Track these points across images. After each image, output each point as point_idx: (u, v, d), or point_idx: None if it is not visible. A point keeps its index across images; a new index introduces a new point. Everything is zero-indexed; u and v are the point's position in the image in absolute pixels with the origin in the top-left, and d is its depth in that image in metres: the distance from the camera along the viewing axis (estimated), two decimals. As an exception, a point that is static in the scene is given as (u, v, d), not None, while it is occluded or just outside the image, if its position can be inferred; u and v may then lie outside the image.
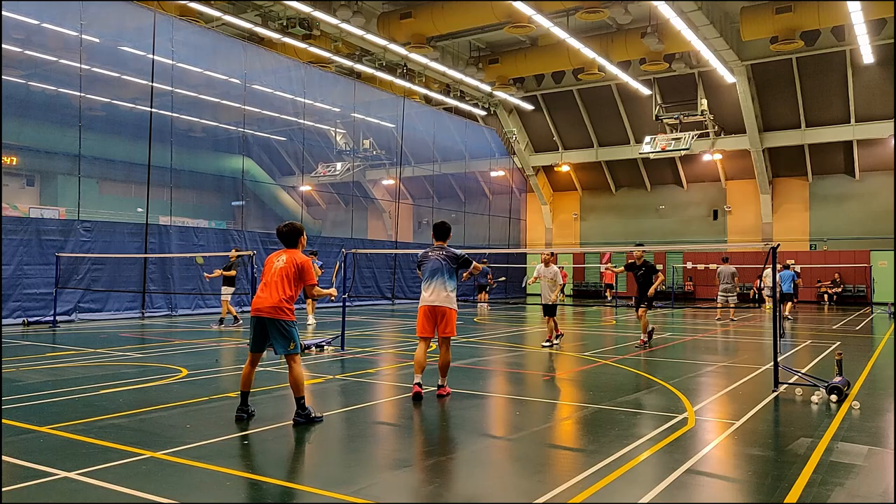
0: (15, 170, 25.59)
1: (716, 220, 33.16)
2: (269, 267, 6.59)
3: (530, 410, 7.32)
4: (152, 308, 19.20)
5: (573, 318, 21.62)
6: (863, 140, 28.50)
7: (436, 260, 7.81)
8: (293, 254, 6.59)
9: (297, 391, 6.30)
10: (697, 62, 27.53)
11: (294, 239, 6.70)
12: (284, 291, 6.38)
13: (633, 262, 13.56)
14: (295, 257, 6.54)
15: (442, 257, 7.81)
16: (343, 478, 4.93)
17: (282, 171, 32.57)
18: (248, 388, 6.53)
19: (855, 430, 6.31)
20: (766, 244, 8.57)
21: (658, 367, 10.35)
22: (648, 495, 4.43)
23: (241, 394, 6.51)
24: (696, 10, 20.39)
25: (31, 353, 11.25)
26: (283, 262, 6.51)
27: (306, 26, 22.43)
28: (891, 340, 14.65)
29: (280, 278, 6.42)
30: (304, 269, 6.50)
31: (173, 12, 20.71)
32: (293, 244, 6.70)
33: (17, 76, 19.22)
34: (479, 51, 28.70)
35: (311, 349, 11.55)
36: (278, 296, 6.35)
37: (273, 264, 6.56)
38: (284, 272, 6.43)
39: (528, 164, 35.86)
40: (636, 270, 13.40)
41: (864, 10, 20.19)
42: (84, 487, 4.50)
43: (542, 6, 20.88)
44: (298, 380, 6.32)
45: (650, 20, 23.74)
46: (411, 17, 22.90)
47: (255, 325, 6.44)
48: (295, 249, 6.68)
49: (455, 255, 7.85)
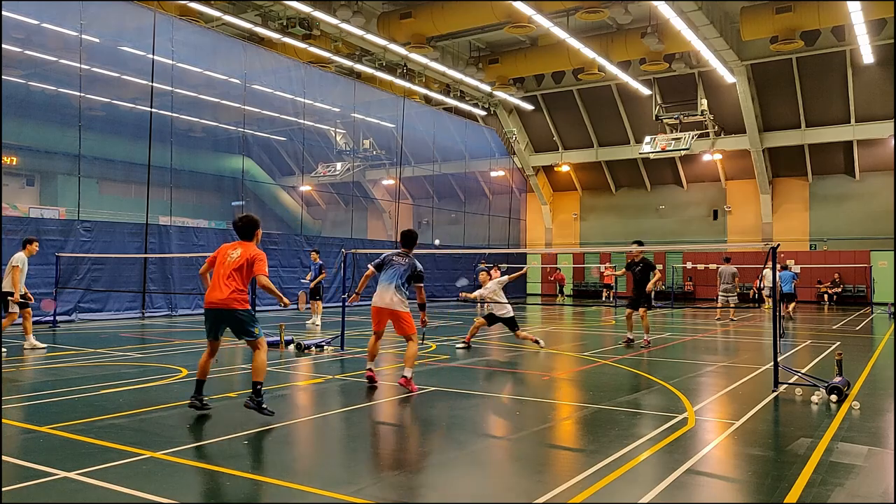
0: (15, 170, 25.60)
1: (716, 220, 33.16)
2: (222, 258, 6.62)
3: (530, 410, 7.32)
4: (152, 308, 19.19)
5: (573, 318, 21.62)
6: (863, 140, 28.50)
7: (398, 265, 8.18)
8: (248, 247, 6.65)
9: (256, 375, 6.42)
10: (697, 62, 27.52)
11: (250, 232, 6.76)
12: (236, 284, 6.48)
13: (633, 260, 13.44)
14: (249, 251, 6.60)
15: (405, 265, 8.18)
16: (343, 478, 4.93)
17: (282, 171, 32.57)
18: (205, 377, 6.65)
19: (855, 430, 6.30)
20: (766, 244, 8.57)
21: (658, 367, 10.34)
22: (648, 495, 4.43)
23: (197, 381, 6.62)
24: (696, 10, 20.38)
25: (32, 353, 11.25)
26: (237, 255, 6.57)
27: (306, 26, 22.42)
28: (891, 340, 14.65)
29: (232, 272, 6.49)
30: (255, 261, 6.54)
31: (173, 12, 20.70)
32: (249, 237, 6.75)
33: (17, 76, 19.22)
34: (479, 51, 28.70)
35: (311, 349, 11.55)
36: (228, 289, 6.45)
37: (227, 257, 6.60)
38: (237, 266, 6.52)
39: (528, 164, 35.86)
40: (634, 268, 13.26)
41: (864, 10, 20.19)
42: (84, 487, 4.50)
43: (542, 6, 20.88)
44: (260, 366, 6.47)
45: (650, 20, 23.74)
46: (411, 17, 22.89)
47: (209, 316, 6.59)
48: (250, 242, 6.73)
49: (415, 266, 8.22)
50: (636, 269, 13.18)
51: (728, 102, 29.12)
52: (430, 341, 13.21)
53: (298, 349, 11.54)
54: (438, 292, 29.53)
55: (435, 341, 13.45)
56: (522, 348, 12.96)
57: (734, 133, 30.10)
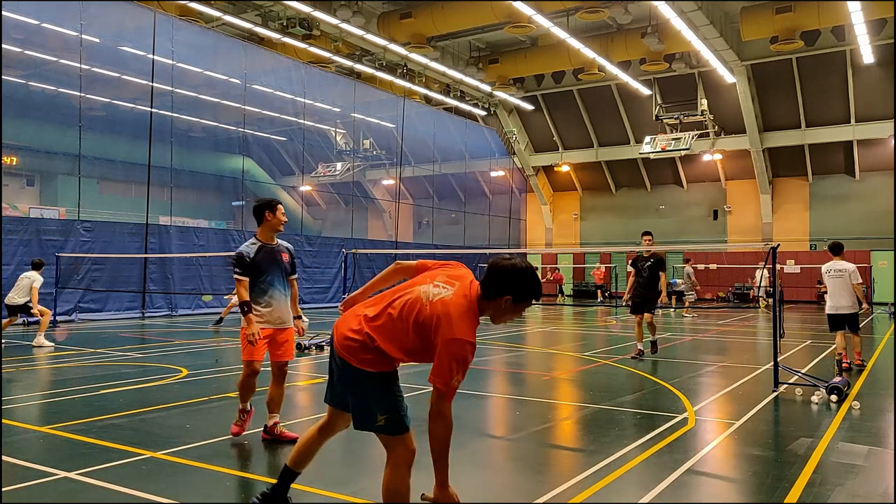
0: (15, 170, 25.59)
1: (716, 220, 33.14)
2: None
3: (530, 410, 7.32)
4: (152, 308, 19.20)
5: (573, 318, 21.62)
6: (863, 140, 28.49)
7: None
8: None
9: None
10: (697, 62, 27.52)
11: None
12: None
13: (640, 254, 11.44)
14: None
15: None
16: (343, 478, 4.93)
17: (282, 171, 32.56)
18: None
19: (855, 430, 6.31)
20: (766, 244, 8.57)
21: (658, 367, 10.34)
22: (648, 495, 4.43)
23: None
24: (696, 10, 20.38)
25: (32, 353, 11.25)
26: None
27: (306, 26, 22.42)
28: (891, 340, 14.64)
29: None
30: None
31: (173, 12, 20.69)
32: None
33: (17, 76, 19.22)
34: (479, 51, 28.69)
35: (311, 349, 11.56)
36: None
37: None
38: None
39: (528, 164, 35.85)
40: (642, 263, 11.25)
41: (864, 10, 20.18)
42: (84, 487, 4.50)
43: (542, 6, 20.87)
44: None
45: (650, 20, 23.73)
46: (411, 17, 22.89)
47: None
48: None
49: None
50: (645, 265, 11.20)
51: (728, 102, 29.10)
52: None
53: (298, 349, 11.54)
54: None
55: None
56: (522, 348, 12.97)
57: (734, 133, 30.09)
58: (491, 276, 3.36)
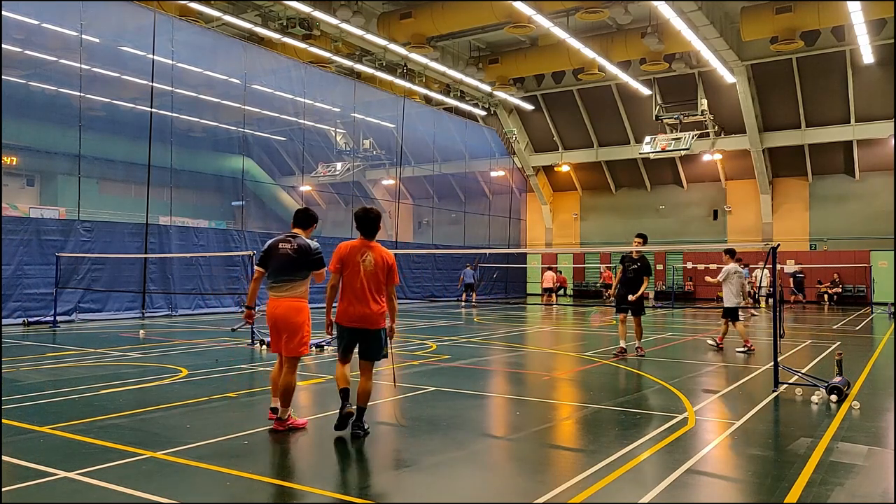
0: (15, 170, 25.58)
1: (716, 220, 33.15)
2: (354, 265, 5.84)
3: (530, 410, 7.32)
4: (152, 308, 19.20)
5: (573, 318, 21.62)
6: (863, 140, 28.49)
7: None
8: (378, 249, 5.97)
9: (363, 400, 6.02)
10: (697, 62, 27.52)
11: (374, 229, 6.03)
12: (382, 297, 5.98)
13: (629, 253, 11.85)
14: (382, 254, 5.95)
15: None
16: (343, 478, 4.93)
17: (282, 171, 32.55)
18: (349, 383, 6.00)
19: (855, 430, 6.31)
20: (766, 244, 8.57)
21: (658, 367, 10.34)
22: (648, 495, 4.43)
23: (342, 391, 5.97)
24: (696, 10, 20.37)
25: (32, 353, 11.25)
26: (372, 259, 5.87)
27: (306, 26, 22.42)
28: (891, 340, 14.64)
29: (378, 281, 5.91)
30: (393, 269, 5.98)
31: (173, 12, 20.70)
32: (374, 235, 6.01)
33: (17, 76, 19.21)
34: (479, 51, 28.69)
35: (311, 349, 11.53)
36: (378, 305, 5.90)
37: (361, 262, 5.84)
38: (378, 272, 5.90)
39: (528, 164, 35.85)
40: (629, 264, 11.67)
41: (864, 10, 20.18)
42: (84, 487, 4.50)
43: (542, 6, 20.87)
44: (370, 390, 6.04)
45: (650, 20, 23.74)
46: (411, 17, 22.89)
47: (347, 335, 6.03)
48: (376, 243, 6.02)
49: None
50: (631, 266, 11.63)
51: (728, 102, 29.11)
52: (430, 341, 13.21)
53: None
54: (438, 292, 29.55)
55: (435, 341, 13.45)
56: (523, 348, 12.96)
57: (734, 133, 30.09)
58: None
